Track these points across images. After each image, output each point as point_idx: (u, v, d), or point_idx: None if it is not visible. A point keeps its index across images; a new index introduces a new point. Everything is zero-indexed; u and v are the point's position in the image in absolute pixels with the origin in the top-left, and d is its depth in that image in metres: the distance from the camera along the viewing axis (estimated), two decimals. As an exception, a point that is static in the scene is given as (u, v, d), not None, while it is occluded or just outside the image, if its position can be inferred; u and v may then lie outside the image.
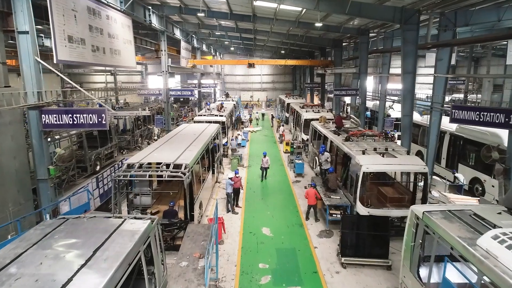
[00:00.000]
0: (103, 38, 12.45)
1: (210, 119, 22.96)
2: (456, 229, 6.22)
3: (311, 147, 20.26)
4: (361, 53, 21.39)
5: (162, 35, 21.52)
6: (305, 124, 23.77)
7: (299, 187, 16.79)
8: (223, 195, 15.58)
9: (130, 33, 15.20)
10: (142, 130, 26.63)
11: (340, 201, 12.01)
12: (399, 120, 23.69)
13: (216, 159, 17.43)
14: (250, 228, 12.40)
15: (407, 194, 12.40)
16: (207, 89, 46.53)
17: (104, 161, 20.05)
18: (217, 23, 26.69)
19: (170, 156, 11.42)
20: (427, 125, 18.36)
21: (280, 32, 27.67)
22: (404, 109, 15.39)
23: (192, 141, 14.33)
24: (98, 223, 6.42)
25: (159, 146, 13.18)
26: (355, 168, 11.57)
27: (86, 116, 8.95)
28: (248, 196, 15.64)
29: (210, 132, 16.86)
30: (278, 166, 20.64)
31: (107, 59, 12.71)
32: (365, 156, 11.46)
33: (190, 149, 12.86)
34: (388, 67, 22.61)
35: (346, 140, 13.57)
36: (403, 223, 11.33)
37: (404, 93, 15.26)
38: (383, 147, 12.52)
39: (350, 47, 28.94)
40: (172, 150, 12.58)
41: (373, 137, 13.75)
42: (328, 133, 16.11)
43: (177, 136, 15.66)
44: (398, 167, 11.09)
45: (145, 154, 11.73)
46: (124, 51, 14.42)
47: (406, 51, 14.86)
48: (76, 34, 10.52)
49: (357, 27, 21.03)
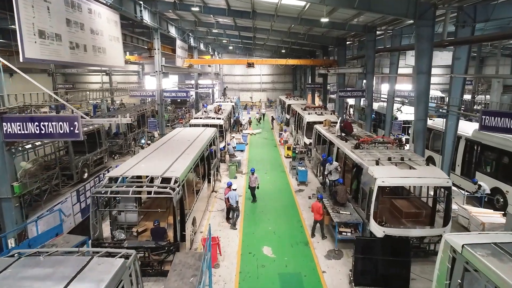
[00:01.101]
0: (85, 34, 11.09)
1: (207, 122, 21.63)
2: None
3: (314, 152, 18.93)
4: (368, 52, 20.06)
5: (155, 32, 20.16)
6: (307, 127, 22.45)
7: (303, 197, 15.45)
8: (220, 206, 14.27)
9: (117, 29, 13.84)
10: (136, 134, 25.29)
11: (351, 218, 10.67)
12: (407, 123, 22.55)
13: (213, 166, 16.10)
14: (249, 247, 11.05)
15: (425, 208, 11.10)
16: (205, 89, 45.25)
17: (92, 168, 18.70)
18: (214, 20, 25.35)
19: (159, 168, 10.09)
20: (438, 129, 17.19)
21: (281, 30, 26.34)
22: (417, 113, 14.06)
23: (186, 148, 13.00)
24: (57, 263, 5.07)
25: (148, 154, 11.83)
26: (367, 180, 10.24)
27: (56, 124, 7.57)
28: (247, 208, 14.30)
29: (206, 137, 15.53)
30: (279, 173, 19.29)
31: (89, 57, 11.35)
32: (379, 168, 10.13)
33: (182, 158, 11.53)
34: (397, 67, 21.29)
35: (356, 148, 12.23)
36: (423, 243, 10.07)
37: (418, 95, 13.93)
38: (398, 156, 11.19)
39: (354, 46, 27.65)
40: (162, 159, 11.25)
41: (385, 144, 12.40)
42: (335, 138, 14.77)
43: (169, 142, 14.32)
44: (418, 180, 9.75)
45: (130, 165, 10.39)
46: (110, 49, 13.06)
47: (420, 49, 13.53)
48: (50, 28, 9.16)
49: (363, 24, 19.71)
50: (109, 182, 9.24)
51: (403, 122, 21.41)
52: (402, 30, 20.04)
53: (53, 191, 15.32)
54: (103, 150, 19.81)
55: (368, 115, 20.51)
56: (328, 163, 12.47)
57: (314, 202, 11.31)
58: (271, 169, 20.05)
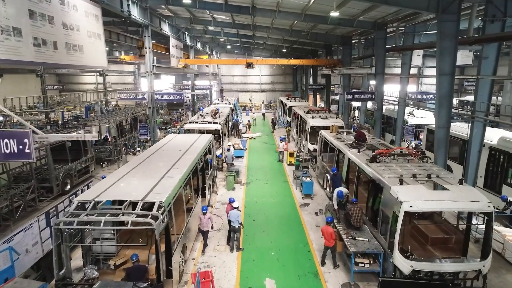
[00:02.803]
0: (55, 29, 9.42)
1: (203, 127, 19.95)
2: None
3: (319, 160, 17.29)
4: (377, 50, 18.40)
5: (146, 29, 18.46)
6: (311, 132, 20.82)
7: (309, 213, 13.80)
8: (217, 223, 12.61)
9: (98, 24, 12.16)
10: (127, 139, 23.59)
11: (369, 246, 9.02)
12: (419, 127, 20.91)
13: (208, 177, 14.44)
14: (249, 280, 9.38)
15: (454, 232, 9.46)
16: (202, 90, 43.55)
17: (76, 178, 17.00)
18: (211, 17, 23.68)
19: (141, 188, 8.42)
20: (456, 135, 15.58)
21: (282, 27, 24.68)
22: (439, 119, 12.43)
23: (177, 160, 11.34)
24: None
25: (131, 170, 10.15)
26: (389, 202, 8.58)
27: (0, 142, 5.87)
28: (246, 226, 12.60)
29: (201, 146, 13.87)
30: (282, 183, 17.63)
31: (61, 56, 9.67)
32: (404, 188, 8.47)
33: (171, 173, 9.85)
34: (409, 67, 19.63)
35: (372, 161, 10.57)
36: (457, 279, 8.40)
37: (440, 99, 12.30)
38: (423, 172, 9.55)
39: (360, 45, 26.01)
40: (147, 175, 9.59)
41: (406, 156, 10.73)
42: (345, 148, 13.12)
43: (158, 152, 12.64)
44: (453, 204, 8.07)
45: (107, 184, 8.71)
46: (89, 47, 11.39)
47: (443, 47, 11.90)
48: (5, 21, 7.50)
49: (373, 21, 18.05)
50: (77, 209, 7.57)
51: (415, 127, 19.78)
52: (415, 27, 18.41)
53: (29, 206, 13.67)
54: (89, 158, 18.11)
55: (377, 120, 18.85)
56: (337, 197, 10.89)
57: (325, 227, 9.66)
58: (272, 178, 18.40)
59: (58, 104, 40.62)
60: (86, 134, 6.33)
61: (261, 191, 16.43)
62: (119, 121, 23.08)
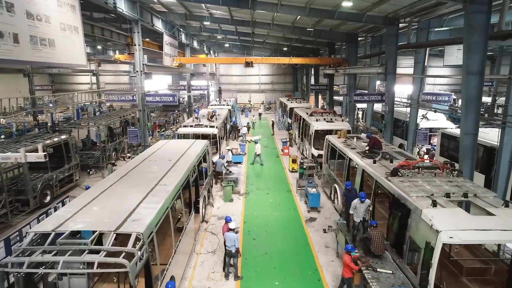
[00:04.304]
0: (15, 19, 7.84)
1: (198, 131, 18.40)
2: None
3: (326, 168, 15.75)
4: (389, 48, 16.84)
5: (135, 25, 16.87)
6: (315, 137, 19.29)
7: (316, 230, 12.25)
8: (212, 243, 11.08)
9: (75, 16, 10.57)
10: (118, 143, 21.98)
11: (395, 282, 7.45)
12: (432, 131, 19.38)
13: (203, 189, 12.86)
14: (249, 321, 7.83)
15: (494, 261, 7.93)
16: (199, 91, 41.96)
17: (58, 189, 15.40)
18: (207, 12, 22.10)
19: (116, 214, 6.84)
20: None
21: (284, 24, 23.11)
22: (465, 125, 10.88)
23: (165, 174, 9.78)
24: None
25: (109, 187, 8.57)
26: (420, 229, 7.04)
27: None
28: (246, 247, 11.06)
29: (195, 155, 12.34)
30: (284, 193, 16.06)
31: (24, 52, 8.09)
32: (439, 213, 6.92)
33: (156, 193, 8.24)
34: (423, 66, 18.09)
35: (393, 175, 9.01)
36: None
37: (467, 102, 10.77)
38: (456, 189, 8.01)
39: (367, 42, 24.46)
40: (126, 194, 8.01)
41: (432, 170, 9.16)
42: (356, 157, 11.57)
43: (145, 163, 11.04)
44: (504, 236, 6.46)
45: (76, 209, 7.12)
46: (63, 42, 9.80)
47: (471, 42, 10.37)
48: None
49: (384, 16, 16.49)
50: (32, 243, 5.99)
51: (429, 131, 18.24)
52: (429, 22, 16.87)
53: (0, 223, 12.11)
54: (73, 165, 16.50)
55: (388, 123, 17.29)
56: (359, 201, 9.19)
57: (346, 257, 8.04)
58: (274, 187, 16.84)
59: (51, 104, 39.08)
60: (28, 154, 4.79)
61: (262, 202, 14.88)
62: (108, 124, 21.53)
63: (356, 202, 9.24)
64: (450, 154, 16.93)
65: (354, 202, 9.26)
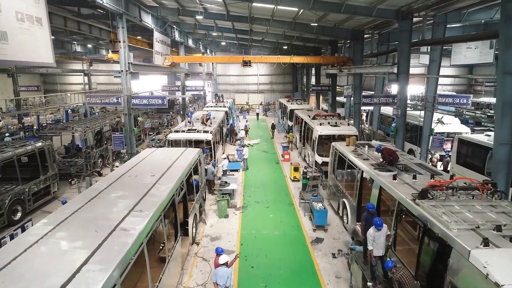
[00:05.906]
0: None
1: (190, 137, 16.72)
2: None
3: (332, 178, 14.12)
4: (401, 45, 15.17)
5: (120, 19, 15.16)
6: (319, 142, 17.64)
7: (324, 254, 10.59)
8: (202, 273, 9.40)
9: (38, 4, 8.86)
10: (104, 149, 20.27)
11: None
12: (449, 136, 17.79)
13: (193, 207, 11.17)
14: None
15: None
16: (195, 92, 40.22)
17: (31, 203, 13.69)
18: (201, 8, 20.40)
19: (68, 260, 5.15)
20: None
21: (285, 19, 21.44)
22: (501, 132, 9.28)
23: (144, 194, 8.08)
24: None
25: (71, 214, 6.84)
26: (468, 275, 5.40)
27: None
28: (242, 277, 9.40)
29: (184, 166, 10.69)
30: (286, 207, 14.40)
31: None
32: (496, 256, 5.27)
33: (127, 225, 6.47)
34: (439, 65, 16.42)
35: (422, 197, 7.34)
36: None
37: (503, 107, 9.14)
38: (503, 218, 6.37)
39: (374, 39, 22.82)
40: (90, 226, 6.29)
41: (470, 190, 7.50)
42: (371, 170, 9.91)
43: (123, 179, 9.33)
44: None
45: (16, 252, 5.42)
46: (20, 36, 8.11)
47: (509, 37, 8.73)
48: None
49: (397, 9, 14.84)
50: None
51: (446, 136, 16.62)
52: (446, 16, 15.23)
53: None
54: (50, 176, 14.77)
55: (400, 128, 15.63)
56: (376, 229, 7.48)
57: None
58: (274, 199, 15.18)
59: (39, 106, 37.28)
60: None
61: (261, 219, 13.23)
62: (95, 129, 19.84)
63: (372, 232, 7.58)
64: (467, 162, 15.39)
65: (371, 233, 7.58)
